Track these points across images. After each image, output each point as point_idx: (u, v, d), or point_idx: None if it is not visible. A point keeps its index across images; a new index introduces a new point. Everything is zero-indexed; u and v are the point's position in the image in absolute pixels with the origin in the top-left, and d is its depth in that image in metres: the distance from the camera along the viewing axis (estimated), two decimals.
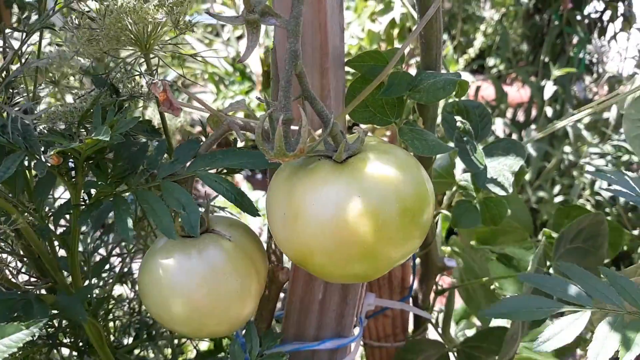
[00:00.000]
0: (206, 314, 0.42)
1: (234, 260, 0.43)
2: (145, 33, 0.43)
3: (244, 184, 1.54)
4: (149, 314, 0.59)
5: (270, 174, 0.49)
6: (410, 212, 0.36)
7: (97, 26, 0.40)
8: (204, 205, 0.46)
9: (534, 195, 1.71)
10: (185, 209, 0.40)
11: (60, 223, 0.49)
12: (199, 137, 0.56)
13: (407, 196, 0.36)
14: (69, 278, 0.49)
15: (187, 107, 0.46)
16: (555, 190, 1.70)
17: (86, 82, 0.65)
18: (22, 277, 0.51)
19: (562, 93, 1.72)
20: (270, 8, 0.37)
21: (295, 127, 0.38)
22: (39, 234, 0.45)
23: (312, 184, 0.37)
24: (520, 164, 0.54)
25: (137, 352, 0.62)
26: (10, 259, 0.48)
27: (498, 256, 0.71)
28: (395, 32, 1.77)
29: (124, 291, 0.67)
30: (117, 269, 0.60)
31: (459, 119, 0.55)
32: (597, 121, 1.73)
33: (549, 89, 1.63)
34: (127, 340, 0.63)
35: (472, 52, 2.15)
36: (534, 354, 0.68)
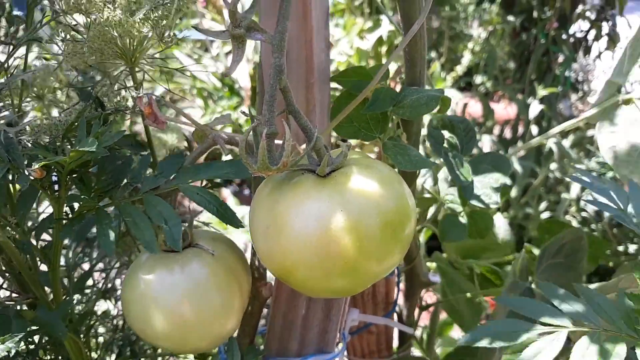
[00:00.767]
0: (189, 329, 0.42)
1: (216, 275, 0.43)
2: (131, 46, 0.43)
3: (230, 199, 1.54)
4: (132, 330, 0.58)
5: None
6: (391, 226, 0.36)
7: (82, 39, 0.41)
8: (187, 219, 0.46)
9: (521, 212, 1.72)
10: (167, 223, 0.40)
11: (44, 237, 0.49)
12: (184, 151, 0.56)
13: (389, 211, 0.36)
14: (51, 294, 0.49)
15: (172, 121, 0.46)
16: (542, 207, 1.71)
17: (73, 95, 0.65)
18: (4, 293, 0.50)
19: (548, 111, 1.74)
20: (255, 23, 0.38)
21: (279, 141, 0.38)
22: (20, 249, 0.44)
23: (294, 198, 0.37)
24: (507, 178, 0.54)
25: None
26: None
27: (486, 270, 0.72)
28: (384, 49, 1.78)
29: (108, 307, 0.67)
30: (101, 284, 0.59)
31: (446, 134, 0.55)
32: (582, 138, 1.75)
33: (535, 108, 1.65)
34: (110, 358, 0.62)
35: (459, 69, 2.18)
36: None
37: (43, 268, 0.49)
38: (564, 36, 1.83)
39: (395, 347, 0.75)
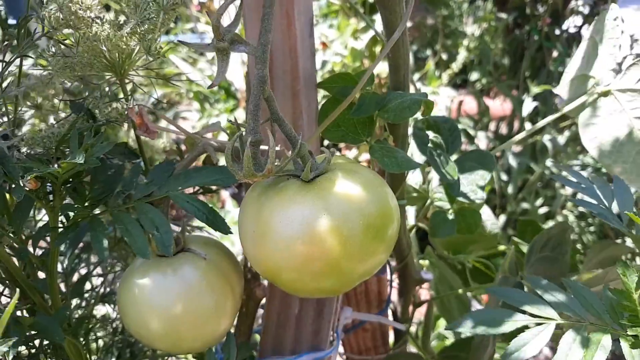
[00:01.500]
0: (183, 330, 0.44)
1: (208, 278, 0.44)
2: (120, 59, 0.45)
3: (229, 201, 1.55)
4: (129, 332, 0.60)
5: None
6: (374, 228, 0.37)
7: (71, 53, 0.42)
8: (180, 225, 0.47)
9: (518, 208, 1.73)
10: (158, 230, 0.41)
11: (42, 245, 0.50)
12: (175, 157, 0.57)
13: (371, 214, 0.37)
14: (49, 300, 0.50)
15: (163, 130, 0.48)
16: (539, 202, 1.72)
17: (67, 106, 0.66)
18: (5, 300, 0.52)
19: (543, 107, 1.75)
20: (239, 36, 0.39)
21: (266, 147, 0.39)
22: (18, 256, 0.46)
23: (280, 203, 0.38)
24: (490, 174, 0.56)
25: None
26: None
27: (476, 264, 0.73)
28: (378, 49, 1.79)
29: (107, 311, 0.68)
30: (100, 288, 0.61)
31: (431, 134, 0.57)
32: (578, 134, 1.76)
33: (528, 104, 1.66)
34: None
35: (455, 67, 2.19)
36: None
37: (42, 275, 0.51)
38: (557, 32, 1.85)
39: (392, 343, 0.77)
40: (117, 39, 0.42)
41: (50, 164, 0.42)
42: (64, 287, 0.53)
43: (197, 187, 0.50)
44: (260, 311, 0.56)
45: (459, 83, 2.60)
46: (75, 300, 0.59)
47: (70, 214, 0.45)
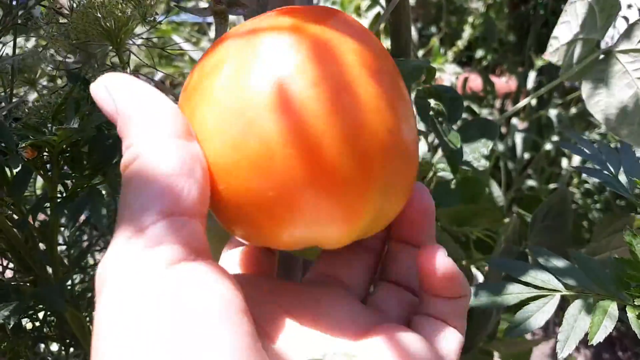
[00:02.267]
0: None
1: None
2: (116, 27, 0.44)
3: None
4: None
5: None
6: None
7: (65, 21, 0.41)
8: None
9: (523, 185, 1.73)
10: None
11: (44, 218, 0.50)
12: None
13: None
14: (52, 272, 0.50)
15: None
16: (544, 180, 1.72)
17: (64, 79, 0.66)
18: (9, 273, 0.52)
19: (548, 82, 1.74)
20: None
21: None
22: (18, 228, 0.46)
23: None
24: (492, 142, 0.55)
25: None
26: None
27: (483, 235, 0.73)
28: (382, 26, 1.77)
29: None
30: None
31: (432, 102, 0.56)
32: (584, 110, 1.74)
33: (532, 79, 1.64)
34: None
35: (460, 44, 2.17)
36: None
37: (43, 247, 0.51)
38: (563, 6, 1.82)
39: None
40: (111, 5, 0.42)
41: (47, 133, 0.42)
42: (67, 261, 0.53)
43: None
44: None
45: (464, 60, 2.58)
46: (79, 275, 0.59)
47: (69, 184, 0.45)
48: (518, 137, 1.62)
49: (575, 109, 1.71)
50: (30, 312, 0.49)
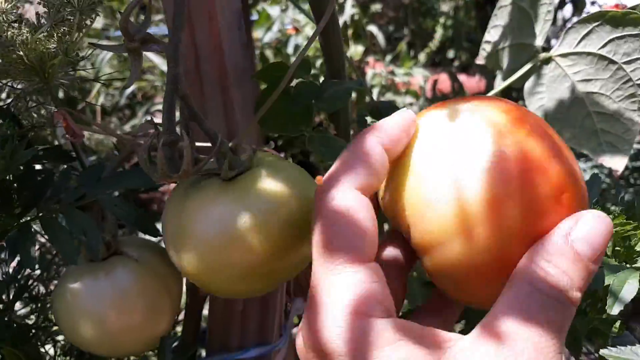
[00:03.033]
0: (119, 335, 0.43)
1: (142, 281, 0.44)
2: (41, 63, 0.44)
3: None
4: None
5: None
6: (296, 225, 0.37)
7: None
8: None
9: None
10: (86, 235, 0.41)
11: None
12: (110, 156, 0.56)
13: (292, 210, 0.37)
14: None
15: (91, 131, 0.47)
16: None
17: None
18: None
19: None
20: (150, 35, 0.38)
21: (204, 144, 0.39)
22: None
23: (199, 203, 0.38)
24: None
25: None
26: None
27: None
28: (350, 32, 1.78)
29: None
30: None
31: (369, 120, 0.56)
32: None
33: (499, 78, 1.66)
34: None
35: (432, 45, 2.18)
36: None
37: None
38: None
39: None
40: (33, 42, 0.41)
41: None
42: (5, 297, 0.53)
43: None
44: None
45: (437, 61, 2.60)
46: (26, 309, 0.59)
47: None
48: None
49: None
50: None
